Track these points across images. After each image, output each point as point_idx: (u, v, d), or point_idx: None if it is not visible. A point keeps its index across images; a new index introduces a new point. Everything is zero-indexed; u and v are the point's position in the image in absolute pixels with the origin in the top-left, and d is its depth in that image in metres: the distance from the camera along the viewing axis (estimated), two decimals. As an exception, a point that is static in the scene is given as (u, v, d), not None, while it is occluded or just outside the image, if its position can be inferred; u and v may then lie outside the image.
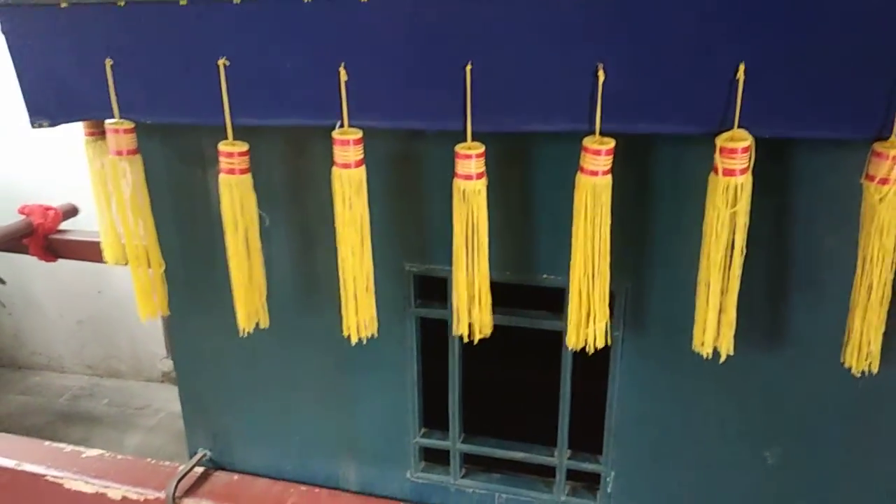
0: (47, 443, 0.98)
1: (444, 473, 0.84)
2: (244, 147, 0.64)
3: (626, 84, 0.55)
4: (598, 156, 0.57)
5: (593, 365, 0.74)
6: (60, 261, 1.94)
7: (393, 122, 0.61)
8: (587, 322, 0.62)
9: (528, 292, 0.74)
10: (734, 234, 0.57)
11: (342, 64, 0.59)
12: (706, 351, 0.62)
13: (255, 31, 0.60)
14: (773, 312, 0.68)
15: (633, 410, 0.76)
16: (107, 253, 0.80)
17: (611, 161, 0.58)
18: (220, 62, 0.61)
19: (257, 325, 0.72)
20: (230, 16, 0.59)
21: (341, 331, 0.69)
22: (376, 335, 0.69)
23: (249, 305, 0.68)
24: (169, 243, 0.77)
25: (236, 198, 0.64)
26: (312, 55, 0.59)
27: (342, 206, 0.62)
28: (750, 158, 0.55)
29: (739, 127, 0.55)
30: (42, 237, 1.86)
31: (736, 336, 0.61)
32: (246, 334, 0.71)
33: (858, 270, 0.57)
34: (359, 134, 0.61)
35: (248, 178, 0.65)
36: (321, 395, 0.84)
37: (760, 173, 0.57)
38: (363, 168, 0.62)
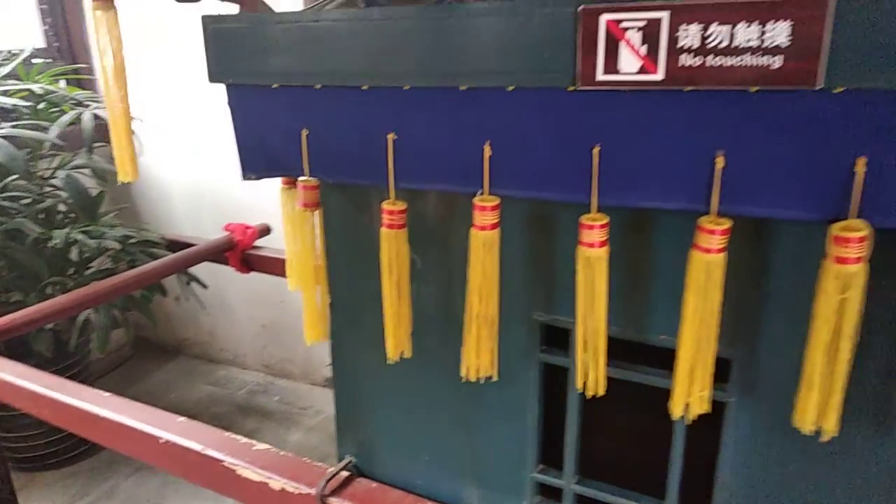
0: (227, 433, 1.16)
1: (557, 510, 0.90)
2: (403, 206, 0.76)
3: (744, 171, 0.60)
4: (712, 235, 0.61)
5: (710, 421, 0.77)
6: (253, 273, 2.24)
7: (528, 192, 0.70)
8: (691, 390, 0.66)
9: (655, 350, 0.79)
10: (843, 320, 0.58)
11: (487, 142, 0.69)
12: (806, 429, 0.63)
13: (420, 113, 0.72)
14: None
15: (744, 479, 0.77)
16: (290, 281, 0.96)
17: (725, 240, 0.62)
18: (390, 136, 0.74)
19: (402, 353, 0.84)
20: (401, 99, 0.72)
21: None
22: (494, 378, 0.77)
23: (397, 339, 0.79)
24: (338, 276, 0.92)
25: (393, 248, 0.76)
26: (463, 133, 0.70)
27: (476, 261, 0.72)
28: (866, 248, 0.56)
29: (862, 217, 0.57)
30: (240, 252, 2.17)
31: (852, 418, 0.62)
32: (392, 363, 0.83)
33: None
34: (496, 201, 0.71)
35: (404, 232, 0.77)
36: (451, 421, 0.94)
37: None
38: (497, 231, 0.72)
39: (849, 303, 0.58)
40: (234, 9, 0.82)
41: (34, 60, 2.31)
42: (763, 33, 0.54)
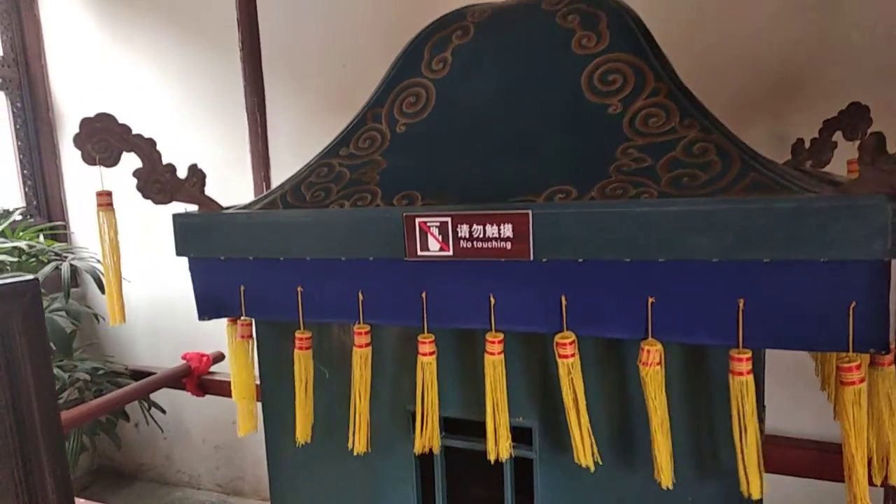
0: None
1: (435, 557, 1.21)
2: (308, 334, 1.14)
3: (506, 304, 0.99)
4: (493, 343, 1.00)
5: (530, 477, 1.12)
6: (207, 396, 2.53)
7: (386, 321, 1.09)
8: (496, 442, 1.02)
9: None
10: (576, 391, 0.96)
11: (360, 290, 1.08)
12: (582, 463, 0.98)
13: (317, 273, 1.11)
14: (628, 445, 1.04)
15: (556, 512, 1.12)
16: (234, 393, 1.31)
17: (502, 346, 1.00)
18: (298, 289, 1.12)
19: (314, 442, 1.18)
20: (305, 266, 1.11)
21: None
22: (370, 451, 1.12)
23: (304, 427, 1.14)
24: (267, 385, 1.26)
25: (302, 363, 1.13)
26: (344, 285, 1.09)
27: (357, 370, 1.09)
28: (576, 347, 0.95)
29: (568, 329, 0.96)
30: (196, 378, 2.46)
31: (608, 457, 0.98)
32: (300, 445, 1.16)
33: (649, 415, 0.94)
34: (368, 328, 1.09)
35: (310, 352, 1.14)
36: (354, 490, 1.26)
37: (605, 357, 0.99)
38: (370, 348, 1.09)
39: (574, 380, 0.96)
40: (194, 208, 1.22)
41: (16, 217, 2.67)
42: (499, 230, 0.95)
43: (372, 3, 2.55)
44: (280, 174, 2.65)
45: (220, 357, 2.61)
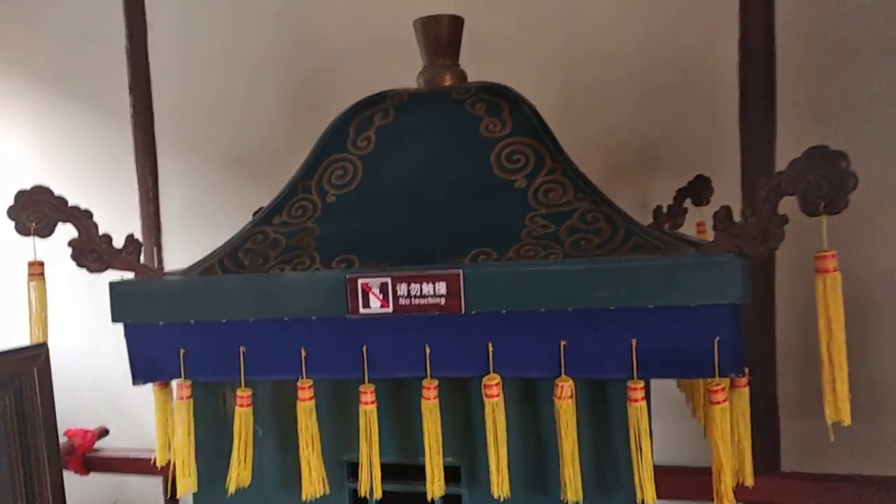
0: None
1: None
2: (249, 392, 1.20)
3: (440, 353, 1.13)
4: (428, 390, 1.13)
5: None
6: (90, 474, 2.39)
7: (328, 375, 1.18)
8: (433, 483, 1.14)
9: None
10: (497, 428, 1.11)
11: (302, 347, 1.18)
12: (496, 495, 1.12)
13: (260, 332, 1.19)
14: (543, 472, 1.20)
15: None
16: (160, 456, 1.32)
17: (437, 392, 1.13)
18: (241, 348, 1.19)
19: (247, 500, 1.23)
20: (246, 327, 1.18)
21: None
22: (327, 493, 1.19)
23: (241, 474, 1.19)
24: (202, 443, 1.30)
25: (242, 420, 1.19)
26: (287, 343, 1.18)
27: (301, 423, 1.17)
28: (500, 388, 1.11)
29: (494, 372, 1.12)
30: (80, 455, 2.33)
31: (527, 485, 1.13)
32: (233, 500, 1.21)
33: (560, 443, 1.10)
34: (310, 383, 1.18)
35: (250, 409, 1.20)
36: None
37: (524, 395, 1.15)
38: (313, 401, 1.18)
39: (497, 418, 1.11)
40: (130, 275, 1.25)
41: None
42: (434, 287, 1.10)
43: (266, 69, 2.67)
44: (171, 240, 2.65)
45: (104, 432, 2.49)
